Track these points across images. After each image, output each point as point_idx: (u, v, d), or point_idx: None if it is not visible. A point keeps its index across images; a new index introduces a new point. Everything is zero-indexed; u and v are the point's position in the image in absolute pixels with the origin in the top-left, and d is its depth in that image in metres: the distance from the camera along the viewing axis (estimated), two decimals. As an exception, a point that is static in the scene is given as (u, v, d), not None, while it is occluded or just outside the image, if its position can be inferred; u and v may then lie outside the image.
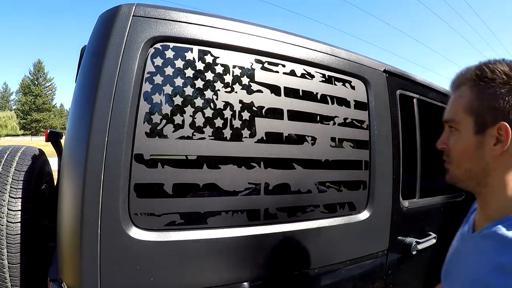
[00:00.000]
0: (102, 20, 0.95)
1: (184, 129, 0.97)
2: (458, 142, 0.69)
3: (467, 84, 0.69)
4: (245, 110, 1.06)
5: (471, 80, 0.68)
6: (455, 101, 0.71)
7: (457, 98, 0.70)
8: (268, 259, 1.08)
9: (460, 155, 0.68)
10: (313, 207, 1.19)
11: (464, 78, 0.70)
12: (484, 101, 0.65)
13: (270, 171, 1.09)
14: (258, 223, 1.07)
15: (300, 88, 1.19)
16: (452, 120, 0.70)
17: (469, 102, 0.67)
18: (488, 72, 0.66)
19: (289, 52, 1.17)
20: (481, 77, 0.67)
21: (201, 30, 1.01)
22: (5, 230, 1.28)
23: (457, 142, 0.69)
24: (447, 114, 0.73)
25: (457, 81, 0.72)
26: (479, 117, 0.66)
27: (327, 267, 1.21)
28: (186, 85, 0.98)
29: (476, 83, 0.67)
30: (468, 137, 0.67)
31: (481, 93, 0.66)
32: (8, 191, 1.34)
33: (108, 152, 0.86)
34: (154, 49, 0.95)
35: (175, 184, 0.95)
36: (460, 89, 0.70)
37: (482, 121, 0.65)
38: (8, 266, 1.31)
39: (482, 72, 0.67)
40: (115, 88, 0.88)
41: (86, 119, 0.87)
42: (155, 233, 0.92)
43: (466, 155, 0.68)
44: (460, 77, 0.72)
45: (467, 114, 0.67)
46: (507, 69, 0.65)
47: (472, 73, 0.68)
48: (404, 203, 1.50)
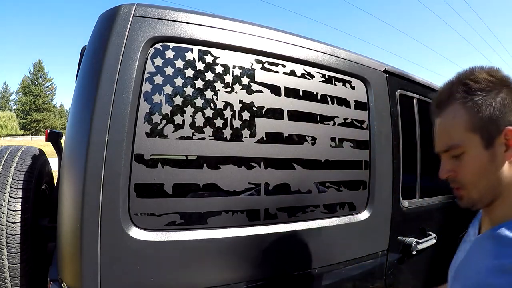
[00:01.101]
0: (102, 20, 0.95)
1: (184, 129, 0.97)
2: (470, 164, 0.65)
3: (456, 103, 0.66)
4: (245, 110, 1.06)
5: (459, 97, 0.66)
6: (449, 125, 0.67)
7: (450, 120, 0.67)
8: (268, 259, 1.08)
9: (476, 175, 0.65)
10: (313, 207, 1.19)
11: (450, 98, 0.67)
12: (482, 113, 0.64)
13: (270, 171, 1.09)
14: (258, 223, 1.07)
15: (300, 88, 1.19)
16: (456, 146, 0.66)
17: (469, 120, 0.65)
18: (473, 84, 0.65)
19: (289, 52, 1.17)
20: (469, 91, 0.65)
21: (201, 30, 1.01)
22: (5, 230, 1.28)
23: (469, 165, 0.66)
24: (444, 142, 0.68)
25: (442, 103, 0.69)
26: (484, 131, 0.64)
27: (327, 267, 1.21)
28: (186, 85, 0.98)
29: (467, 98, 0.65)
30: (480, 154, 0.64)
31: (476, 107, 0.64)
32: (8, 191, 1.34)
33: (108, 152, 0.86)
34: (154, 49, 0.95)
35: (175, 184, 0.95)
36: (448, 110, 0.67)
37: (488, 134, 0.64)
38: (8, 266, 1.31)
39: (468, 86, 0.66)
40: (115, 88, 0.88)
41: (86, 119, 0.87)
42: (155, 233, 0.92)
43: (482, 173, 0.65)
44: (443, 98, 0.69)
45: (471, 133, 0.65)
46: (486, 75, 0.66)
47: (457, 90, 0.67)
48: (404, 203, 1.50)
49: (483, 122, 0.64)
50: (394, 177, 1.43)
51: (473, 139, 0.65)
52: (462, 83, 0.67)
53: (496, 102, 0.64)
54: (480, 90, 0.65)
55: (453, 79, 0.70)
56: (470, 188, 0.67)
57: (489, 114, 0.64)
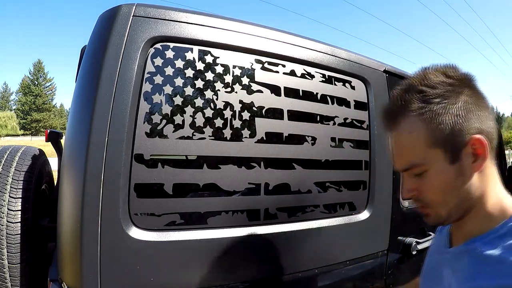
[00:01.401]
0: (102, 20, 0.95)
1: (184, 129, 0.97)
2: (434, 181, 0.58)
3: (411, 116, 0.58)
4: (245, 110, 1.06)
5: (415, 108, 0.58)
6: (406, 142, 0.59)
7: (407, 136, 0.59)
8: (268, 259, 1.08)
9: (442, 193, 0.58)
10: (313, 207, 1.19)
11: (404, 110, 0.59)
12: (443, 124, 0.56)
13: (270, 171, 1.09)
14: (258, 223, 1.07)
15: (300, 88, 1.19)
16: (416, 165, 0.59)
17: (429, 135, 0.57)
18: (429, 90, 0.57)
19: (289, 52, 1.17)
20: (425, 99, 0.57)
21: (201, 30, 1.01)
22: (5, 230, 1.28)
23: (433, 182, 0.58)
24: (402, 161, 0.61)
25: (395, 115, 0.60)
26: (448, 144, 0.56)
27: (327, 267, 1.21)
28: (186, 85, 0.98)
29: (424, 109, 0.57)
30: (445, 171, 0.57)
31: (436, 118, 0.56)
32: (8, 191, 1.34)
33: (108, 152, 0.86)
34: (154, 49, 0.95)
35: (175, 184, 0.95)
36: (403, 124, 0.59)
37: (453, 147, 0.57)
38: (8, 266, 1.31)
39: (423, 93, 0.58)
40: (115, 88, 0.88)
41: (86, 119, 0.87)
42: (155, 233, 0.92)
43: (449, 190, 0.58)
44: (396, 110, 0.60)
45: (433, 149, 0.57)
46: (442, 77, 0.58)
47: (412, 100, 0.58)
48: (404, 203, 1.50)
49: (446, 135, 0.56)
50: (394, 177, 1.43)
51: (436, 155, 0.57)
52: (416, 90, 0.58)
53: (458, 108, 0.56)
54: (438, 96, 0.57)
55: (405, 85, 0.61)
56: (436, 206, 0.60)
57: (452, 124, 0.56)
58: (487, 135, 0.57)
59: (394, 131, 0.61)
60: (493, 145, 0.59)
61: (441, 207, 0.60)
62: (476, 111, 0.57)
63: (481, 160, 0.57)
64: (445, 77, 0.58)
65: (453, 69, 0.61)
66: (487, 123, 0.58)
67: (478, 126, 0.57)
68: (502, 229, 0.56)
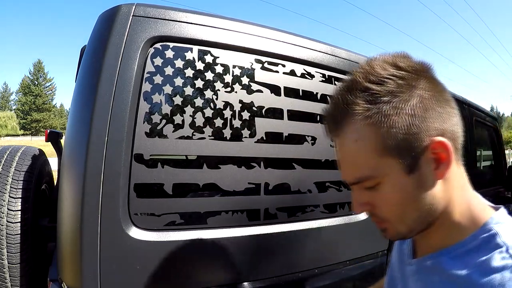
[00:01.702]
0: (102, 20, 0.95)
1: (184, 129, 0.97)
2: (390, 195, 0.49)
3: (357, 120, 0.48)
4: (245, 110, 1.06)
5: (360, 111, 0.47)
6: (353, 151, 0.49)
7: (353, 145, 0.49)
8: (268, 259, 1.08)
9: (400, 208, 0.50)
10: (313, 207, 1.19)
11: (348, 113, 0.48)
12: (396, 128, 0.46)
13: (270, 171, 1.09)
14: (258, 223, 1.07)
15: (300, 88, 1.19)
16: (367, 178, 0.49)
17: (379, 142, 0.47)
18: (377, 87, 0.47)
19: (289, 52, 1.17)
20: (373, 99, 0.47)
21: (201, 30, 1.01)
22: (5, 230, 1.28)
23: (389, 197, 0.49)
24: (350, 174, 0.51)
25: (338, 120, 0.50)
26: (404, 151, 0.47)
27: (327, 267, 1.21)
28: (186, 85, 0.98)
29: (371, 111, 0.47)
30: (401, 182, 0.48)
31: (386, 120, 0.46)
32: (8, 191, 1.34)
33: (108, 152, 0.86)
34: (154, 49, 0.95)
35: (175, 184, 0.95)
36: (348, 130, 0.49)
37: (409, 154, 0.47)
38: (8, 266, 1.31)
39: (369, 92, 0.47)
40: (115, 88, 0.88)
41: (86, 119, 0.87)
42: (155, 233, 0.92)
43: (408, 204, 0.49)
44: (339, 115, 0.49)
45: (385, 157, 0.47)
46: (392, 70, 0.48)
47: (356, 101, 0.47)
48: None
49: (399, 140, 0.46)
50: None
51: (389, 165, 0.48)
52: (360, 88, 0.48)
53: (412, 106, 0.46)
54: (387, 93, 0.46)
55: (348, 83, 0.50)
56: (394, 222, 0.51)
57: (406, 127, 0.46)
58: (451, 135, 0.49)
59: (338, 138, 0.51)
60: (458, 145, 0.51)
61: (400, 222, 0.51)
62: (436, 108, 0.47)
63: (445, 166, 0.48)
64: (395, 69, 0.48)
65: (405, 58, 0.50)
66: (449, 120, 0.49)
67: (438, 126, 0.47)
68: (471, 243, 0.48)
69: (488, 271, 0.44)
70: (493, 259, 0.45)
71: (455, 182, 0.51)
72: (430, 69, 0.51)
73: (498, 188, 2.79)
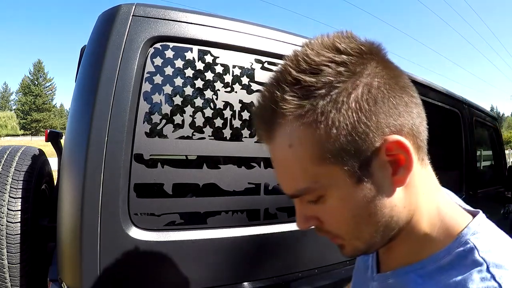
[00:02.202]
0: (102, 20, 0.95)
1: (184, 129, 0.97)
2: (337, 210, 0.41)
3: (289, 121, 0.38)
4: (245, 110, 1.06)
5: (292, 109, 0.37)
6: (287, 159, 0.40)
7: (287, 151, 0.39)
8: (268, 259, 1.08)
9: (353, 223, 0.41)
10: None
11: (277, 113, 0.38)
12: (337, 128, 0.36)
13: (270, 171, 1.09)
14: (258, 223, 1.07)
15: (300, 88, 1.19)
16: (306, 191, 0.40)
17: (318, 147, 0.37)
18: (311, 78, 0.37)
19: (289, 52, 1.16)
20: (306, 93, 0.37)
21: (201, 30, 1.01)
22: (5, 230, 1.28)
23: (336, 211, 0.41)
24: (287, 185, 0.42)
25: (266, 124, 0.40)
26: (349, 157, 0.37)
27: (327, 267, 1.21)
28: (186, 85, 0.98)
29: (305, 109, 0.37)
30: (349, 195, 0.39)
31: (325, 119, 0.36)
32: (8, 191, 1.34)
33: (108, 152, 0.86)
34: (154, 49, 0.95)
35: (175, 184, 0.95)
36: (279, 134, 0.39)
37: (356, 160, 0.38)
38: (8, 266, 1.31)
39: (301, 85, 0.37)
40: (115, 88, 0.88)
41: (86, 119, 0.87)
42: (155, 233, 0.92)
43: (362, 219, 0.40)
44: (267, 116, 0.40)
45: (326, 165, 0.38)
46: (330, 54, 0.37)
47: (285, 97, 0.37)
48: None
49: (343, 143, 0.37)
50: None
51: (332, 174, 0.38)
52: (290, 80, 0.37)
53: (358, 98, 0.37)
54: (324, 85, 0.36)
55: (277, 74, 0.40)
56: (349, 238, 0.43)
57: (350, 126, 0.36)
58: (410, 130, 0.40)
59: (269, 144, 0.42)
60: (421, 142, 0.41)
61: (356, 239, 0.43)
62: (389, 99, 0.38)
63: (405, 170, 0.39)
64: (333, 53, 0.37)
65: (347, 38, 0.39)
66: (408, 113, 0.40)
67: (393, 121, 0.38)
68: (444, 258, 0.40)
69: None
70: (471, 280, 0.36)
71: (420, 187, 0.42)
72: (380, 50, 0.41)
73: (498, 188, 2.79)
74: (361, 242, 0.43)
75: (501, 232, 0.42)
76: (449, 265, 0.39)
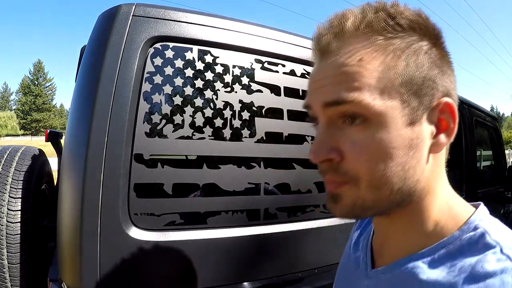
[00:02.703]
0: (102, 20, 0.95)
1: (184, 129, 0.97)
2: (375, 143, 0.37)
3: (370, 41, 0.38)
4: (245, 110, 1.06)
5: (380, 29, 0.38)
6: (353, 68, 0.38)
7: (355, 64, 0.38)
8: (268, 259, 1.08)
9: (382, 165, 0.37)
10: (313, 207, 1.19)
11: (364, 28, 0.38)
12: (414, 68, 0.38)
13: (270, 171, 1.09)
14: (258, 223, 1.07)
15: (300, 88, 1.19)
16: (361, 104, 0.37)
17: (388, 74, 0.37)
18: (403, 21, 0.38)
19: (289, 52, 1.17)
20: (397, 30, 0.38)
21: (201, 30, 1.01)
22: (5, 230, 1.28)
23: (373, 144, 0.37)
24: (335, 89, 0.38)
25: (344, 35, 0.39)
26: (413, 97, 0.38)
27: (327, 267, 1.21)
28: (186, 85, 0.98)
29: (395, 38, 0.38)
30: (396, 131, 0.37)
31: (406, 55, 0.38)
32: (8, 191, 1.34)
33: (108, 152, 0.86)
34: (154, 49, 0.95)
35: (175, 184, 0.95)
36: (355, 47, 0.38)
37: (417, 103, 0.38)
38: (8, 266, 1.31)
39: (395, 22, 0.38)
40: (114, 88, 0.88)
41: (86, 118, 0.87)
42: (155, 233, 0.92)
43: (392, 163, 0.37)
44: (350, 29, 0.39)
45: (390, 94, 0.38)
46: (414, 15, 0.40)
47: (378, 21, 0.38)
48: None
49: (413, 83, 0.38)
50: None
51: (391, 104, 0.37)
52: (387, 12, 0.38)
53: (432, 52, 0.39)
54: (411, 30, 0.39)
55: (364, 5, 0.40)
56: (362, 183, 0.38)
57: (424, 71, 0.38)
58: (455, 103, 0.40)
59: (333, 55, 0.39)
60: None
61: (370, 186, 0.38)
62: (448, 65, 0.41)
63: (445, 138, 0.39)
64: (416, 16, 0.40)
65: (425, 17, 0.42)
66: (455, 87, 0.41)
67: (447, 86, 0.40)
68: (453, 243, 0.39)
69: (481, 276, 0.34)
70: (486, 261, 0.35)
71: (440, 170, 0.42)
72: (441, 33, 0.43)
73: (498, 188, 2.79)
74: (373, 191, 0.39)
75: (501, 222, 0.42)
76: (460, 251, 0.38)
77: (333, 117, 0.39)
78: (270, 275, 1.09)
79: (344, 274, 0.55)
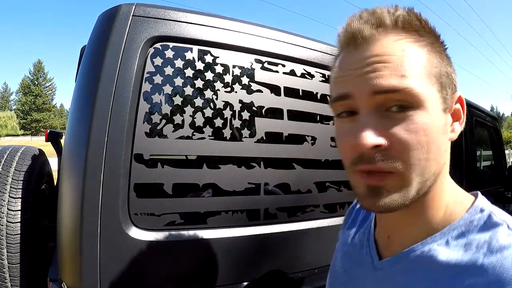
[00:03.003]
0: (102, 20, 0.95)
1: (184, 129, 0.97)
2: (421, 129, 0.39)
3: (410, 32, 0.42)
4: (245, 110, 1.06)
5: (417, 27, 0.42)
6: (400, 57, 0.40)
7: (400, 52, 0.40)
8: (268, 259, 1.08)
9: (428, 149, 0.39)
10: (313, 207, 1.19)
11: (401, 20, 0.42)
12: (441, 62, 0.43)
13: (270, 171, 1.09)
14: (258, 223, 1.07)
15: (300, 88, 1.19)
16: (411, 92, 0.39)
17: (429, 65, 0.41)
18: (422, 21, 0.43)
19: (289, 52, 1.17)
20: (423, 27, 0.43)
21: (201, 30, 1.01)
22: (5, 230, 1.28)
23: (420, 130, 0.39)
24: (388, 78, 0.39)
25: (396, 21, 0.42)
26: (444, 87, 0.42)
27: (327, 267, 1.21)
28: (186, 85, 0.98)
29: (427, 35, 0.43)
30: (436, 117, 0.40)
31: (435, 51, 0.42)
32: (8, 191, 1.34)
33: (108, 152, 0.86)
34: (154, 49, 0.95)
35: (175, 184, 0.95)
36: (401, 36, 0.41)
37: (445, 92, 0.42)
38: (8, 266, 1.31)
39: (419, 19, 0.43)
40: (114, 88, 0.88)
41: (86, 118, 0.87)
42: (155, 233, 0.92)
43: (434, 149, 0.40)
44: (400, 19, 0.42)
45: (430, 82, 0.40)
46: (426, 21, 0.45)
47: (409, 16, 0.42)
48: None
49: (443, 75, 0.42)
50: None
51: (432, 92, 0.40)
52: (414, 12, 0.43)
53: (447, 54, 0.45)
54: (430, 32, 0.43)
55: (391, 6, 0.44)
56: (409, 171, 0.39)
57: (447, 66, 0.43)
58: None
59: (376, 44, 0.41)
60: None
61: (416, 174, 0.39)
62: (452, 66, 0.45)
63: (458, 127, 0.45)
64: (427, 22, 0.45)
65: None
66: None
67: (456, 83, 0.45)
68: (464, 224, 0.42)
69: (498, 249, 0.37)
70: (498, 237, 0.38)
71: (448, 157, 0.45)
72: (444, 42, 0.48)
73: (498, 188, 2.79)
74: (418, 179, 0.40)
75: None
76: (472, 230, 0.41)
77: (380, 104, 0.40)
78: (270, 275, 1.09)
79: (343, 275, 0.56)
